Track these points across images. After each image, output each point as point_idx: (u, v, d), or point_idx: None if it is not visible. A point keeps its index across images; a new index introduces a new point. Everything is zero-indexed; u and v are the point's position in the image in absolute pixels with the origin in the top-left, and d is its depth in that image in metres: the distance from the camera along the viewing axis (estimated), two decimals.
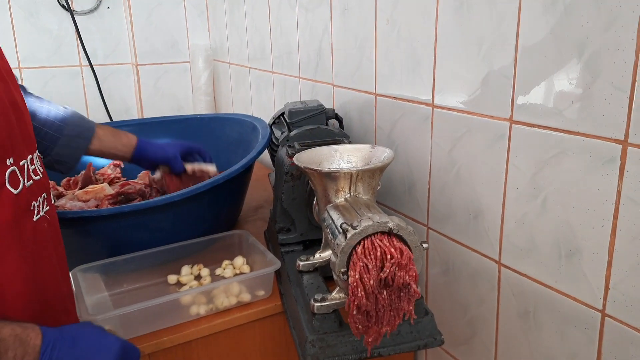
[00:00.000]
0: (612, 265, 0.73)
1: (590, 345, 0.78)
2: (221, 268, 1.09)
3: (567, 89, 0.74)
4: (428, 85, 0.99)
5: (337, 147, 0.92)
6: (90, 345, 0.70)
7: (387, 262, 0.69)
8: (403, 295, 0.71)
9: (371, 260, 0.69)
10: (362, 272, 0.69)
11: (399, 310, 0.72)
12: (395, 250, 0.69)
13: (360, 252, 0.69)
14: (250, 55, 1.81)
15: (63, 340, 0.68)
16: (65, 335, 0.68)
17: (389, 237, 0.70)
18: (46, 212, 0.76)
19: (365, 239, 0.70)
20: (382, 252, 0.69)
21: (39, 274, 0.73)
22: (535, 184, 0.82)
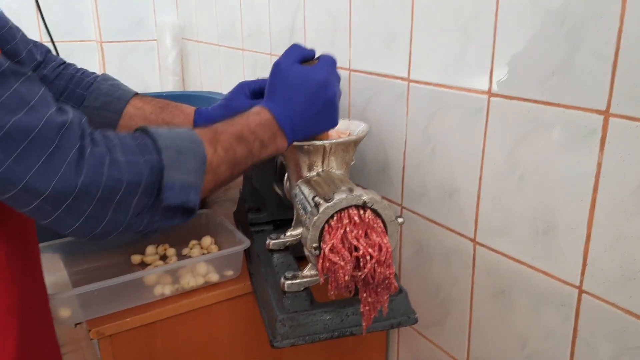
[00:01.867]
0: (590, 241, 0.71)
1: (566, 323, 0.77)
2: (188, 248, 1.05)
3: (548, 58, 0.71)
4: (404, 59, 0.96)
5: None
6: (313, 94, 0.73)
7: (368, 262, 0.66)
8: (381, 290, 0.69)
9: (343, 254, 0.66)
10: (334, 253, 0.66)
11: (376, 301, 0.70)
12: (373, 249, 0.66)
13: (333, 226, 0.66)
14: (219, 33, 1.76)
15: (290, 104, 0.72)
16: (284, 99, 0.72)
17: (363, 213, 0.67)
18: None
19: (338, 212, 0.67)
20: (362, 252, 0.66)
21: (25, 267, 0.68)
22: (512, 160, 0.80)
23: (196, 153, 0.61)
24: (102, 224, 0.55)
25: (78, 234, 0.56)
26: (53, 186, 0.50)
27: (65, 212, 0.52)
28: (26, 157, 0.48)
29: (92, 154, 0.52)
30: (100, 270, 1.00)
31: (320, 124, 0.76)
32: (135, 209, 0.56)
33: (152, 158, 0.57)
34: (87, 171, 0.51)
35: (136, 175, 0.55)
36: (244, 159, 0.67)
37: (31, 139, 0.48)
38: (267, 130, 0.70)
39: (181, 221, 0.62)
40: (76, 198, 0.51)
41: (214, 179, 0.64)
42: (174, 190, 0.57)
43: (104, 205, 0.54)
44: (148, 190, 0.56)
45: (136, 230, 0.59)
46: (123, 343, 0.86)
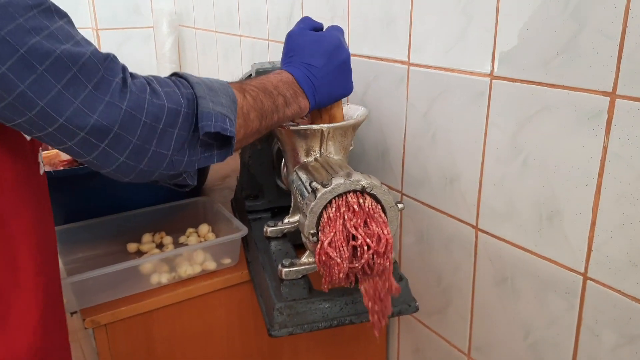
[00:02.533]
0: (595, 226, 0.69)
1: (570, 311, 0.75)
2: (185, 236, 1.04)
3: (552, 38, 0.69)
4: (404, 42, 0.94)
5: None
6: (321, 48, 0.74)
7: (365, 253, 0.64)
8: (384, 297, 0.68)
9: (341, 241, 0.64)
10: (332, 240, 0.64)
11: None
12: (372, 239, 0.64)
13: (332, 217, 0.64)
14: (216, 20, 1.73)
15: (308, 67, 0.73)
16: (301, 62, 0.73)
17: (362, 200, 0.65)
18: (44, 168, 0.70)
19: (336, 198, 0.65)
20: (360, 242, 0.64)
21: (47, 232, 0.67)
22: (515, 144, 0.78)
23: (227, 92, 0.62)
24: (145, 158, 0.56)
25: (121, 171, 0.56)
26: (99, 113, 0.51)
27: (110, 144, 0.53)
28: (75, 85, 0.49)
29: (133, 83, 0.54)
30: (96, 259, 0.99)
31: (339, 87, 0.77)
32: (176, 142, 0.57)
33: (187, 92, 0.58)
34: (131, 97, 0.53)
35: (175, 103, 0.56)
36: (270, 112, 0.68)
37: (80, 66, 0.50)
38: (289, 88, 0.71)
39: (219, 158, 0.62)
40: (122, 126, 0.52)
41: (244, 125, 0.64)
42: (210, 118, 0.57)
43: (147, 135, 0.54)
44: (187, 121, 0.57)
45: (177, 170, 0.59)
46: (119, 332, 0.85)
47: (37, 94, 0.48)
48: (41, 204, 0.64)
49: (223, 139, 0.61)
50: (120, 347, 0.86)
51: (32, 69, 0.47)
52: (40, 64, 0.48)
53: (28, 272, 0.61)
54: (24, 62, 0.47)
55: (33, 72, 0.47)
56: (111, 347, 0.85)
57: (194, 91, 0.59)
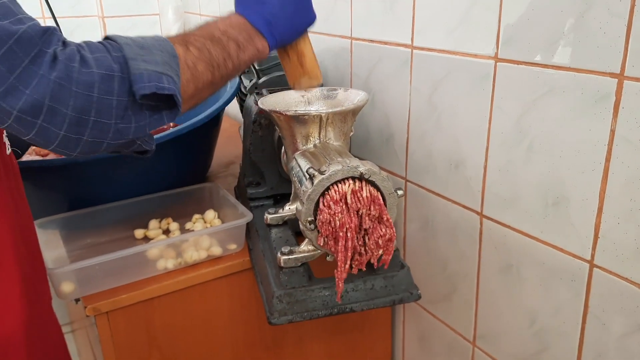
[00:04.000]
0: (602, 212, 0.67)
1: (576, 299, 0.73)
2: (191, 222, 1.03)
3: (558, 19, 0.67)
4: (407, 24, 0.91)
5: (306, 91, 0.84)
6: None
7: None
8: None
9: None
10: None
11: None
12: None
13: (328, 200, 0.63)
14: (221, 5, 1.71)
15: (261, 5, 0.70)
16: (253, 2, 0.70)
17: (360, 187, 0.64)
18: (11, 148, 0.68)
19: (334, 185, 0.64)
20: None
21: (20, 214, 0.67)
22: (520, 128, 0.76)
23: (163, 48, 0.59)
24: (87, 129, 0.53)
25: (65, 146, 0.54)
26: (32, 88, 0.49)
27: (46, 119, 0.51)
28: (10, 59, 0.48)
29: (63, 53, 0.51)
30: (102, 245, 0.98)
31: (299, 17, 0.73)
32: (118, 109, 0.54)
33: (118, 55, 0.55)
34: (59, 66, 0.50)
35: (106, 69, 0.53)
36: (222, 60, 0.65)
37: (16, 40, 0.48)
38: (241, 32, 0.68)
39: (169, 118, 0.59)
40: (52, 98, 0.50)
41: (193, 79, 0.61)
42: (142, 79, 0.54)
43: (83, 105, 0.52)
44: (123, 85, 0.54)
45: (127, 138, 0.57)
46: (120, 320, 0.85)
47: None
48: (10, 182, 0.64)
49: (167, 98, 0.58)
50: (122, 334, 0.85)
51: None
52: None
53: (7, 249, 0.61)
54: None
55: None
56: (113, 335, 0.85)
57: (123, 54, 0.56)
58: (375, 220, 0.65)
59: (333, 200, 0.63)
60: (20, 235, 0.66)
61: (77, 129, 0.52)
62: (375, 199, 0.64)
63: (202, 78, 0.62)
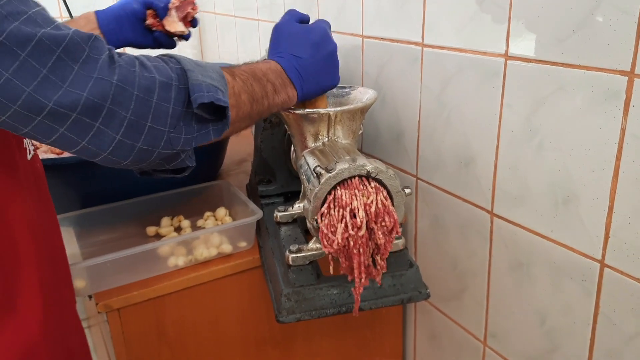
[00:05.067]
0: (613, 211, 0.67)
1: (587, 298, 0.72)
2: (203, 219, 1.04)
3: (568, 16, 0.66)
4: (418, 22, 0.91)
5: None
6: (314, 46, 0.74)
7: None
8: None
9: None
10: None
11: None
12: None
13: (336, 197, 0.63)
14: (235, 3, 1.72)
15: (295, 58, 0.72)
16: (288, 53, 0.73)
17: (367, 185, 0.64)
18: (35, 150, 0.68)
19: (341, 183, 0.64)
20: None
21: (43, 218, 0.66)
22: (530, 126, 0.75)
23: (215, 69, 0.61)
24: (142, 134, 0.53)
25: (119, 152, 0.53)
26: (89, 90, 0.49)
27: (104, 122, 0.51)
28: (61, 67, 0.47)
29: (121, 59, 0.52)
30: (115, 242, 1.00)
31: (326, 78, 0.75)
32: (172, 118, 0.55)
33: (176, 67, 0.57)
34: (120, 70, 0.51)
35: (166, 77, 0.55)
36: (260, 96, 0.66)
37: (64, 47, 0.48)
38: (277, 77, 0.70)
39: (216, 134, 0.60)
40: (114, 100, 0.50)
41: (236, 106, 0.62)
42: (201, 89, 0.56)
43: (141, 109, 0.52)
44: (179, 94, 0.56)
45: (175, 149, 0.57)
46: (131, 316, 0.86)
47: (23, 80, 0.46)
48: (33, 188, 0.64)
49: (217, 113, 0.59)
50: (133, 331, 0.86)
51: (14, 55, 0.45)
52: (22, 50, 0.45)
53: (29, 255, 0.61)
54: (4, 49, 0.45)
55: (15, 58, 0.45)
56: (124, 331, 0.86)
57: (181, 65, 0.57)
58: (388, 233, 0.65)
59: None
60: (43, 241, 0.65)
61: (133, 134, 0.53)
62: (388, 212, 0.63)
63: (243, 108, 0.64)
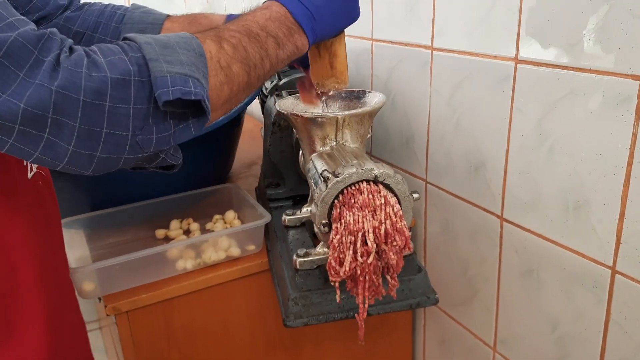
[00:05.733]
0: (624, 217, 0.66)
1: (598, 305, 0.71)
2: (212, 222, 1.04)
3: (579, 20, 0.65)
4: (427, 26, 0.91)
5: (326, 93, 0.84)
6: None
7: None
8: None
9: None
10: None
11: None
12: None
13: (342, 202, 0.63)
14: (246, 7, 1.72)
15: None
16: None
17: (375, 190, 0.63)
18: (38, 167, 0.63)
19: (348, 187, 0.63)
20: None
21: (46, 239, 0.62)
22: (541, 130, 0.74)
23: (189, 46, 0.52)
24: (99, 143, 0.47)
25: (77, 163, 0.47)
26: (27, 99, 0.42)
27: (52, 133, 0.44)
28: (3, 75, 0.42)
29: (68, 59, 0.45)
30: (124, 245, 1.00)
31: (343, 15, 0.66)
32: (135, 119, 0.47)
33: (136, 56, 0.48)
34: (62, 74, 0.44)
35: (121, 73, 0.46)
36: (259, 59, 0.57)
37: (5, 52, 0.42)
38: (281, 26, 0.60)
39: (197, 128, 0.52)
40: (56, 110, 0.43)
41: (227, 81, 0.54)
42: (165, 83, 0.47)
43: (92, 114, 0.45)
44: (141, 91, 0.47)
45: (148, 152, 0.50)
46: (140, 319, 0.86)
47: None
48: (35, 208, 0.60)
49: (194, 105, 0.51)
50: (142, 334, 0.87)
51: None
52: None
53: (29, 280, 0.57)
54: None
55: None
56: (133, 334, 0.86)
57: (143, 54, 0.48)
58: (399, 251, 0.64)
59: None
60: (46, 263, 0.62)
61: (88, 143, 0.46)
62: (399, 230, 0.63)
63: (238, 80, 0.55)
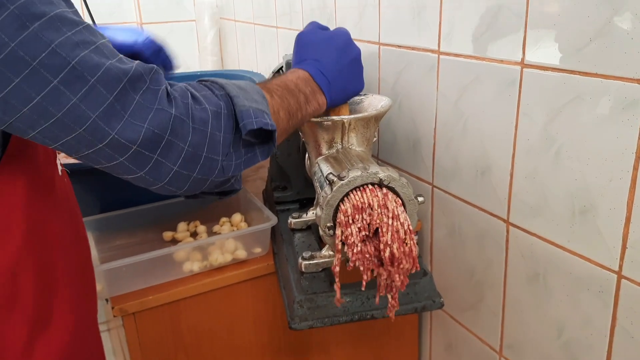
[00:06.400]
0: (630, 222, 0.65)
1: (604, 310, 0.71)
2: (219, 225, 1.05)
3: (585, 24, 0.65)
4: (434, 30, 0.91)
5: None
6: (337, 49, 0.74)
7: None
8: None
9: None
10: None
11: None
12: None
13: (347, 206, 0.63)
14: (254, 11, 1.74)
15: (320, 64, 0.72)
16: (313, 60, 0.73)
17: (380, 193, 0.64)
18: (62, 165, 0.69)
19: (353, 191, 0.64)
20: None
21: (74, 233, 0.67)
22: (547, 135, 0.74)
23: (256, 90, 0.62)
24: (198, 165, 0.54)
25: (175, 183, 0.54)
26: (150, 121, 0.49)
27: (162, 154, 0.51)
28: (125, 97, 0.48)
29: (174, 91, 0.53)
30: (132, 247, 1.01)
31: (352, 83, 0.76)
32: (224, 146, 0.56)
33: (221, 94, 0.57)
34: (177, 102, 0.52)
35: (215, 106, 0.55)
36: (295, 110, 0.67)
37: (129, 78, 0.48)
38: (307, 85, 0.70)
39: (262, 156, 0.61)
40: (172, 132, 0.51)
41: (277, 124, 0.62)
42: (249, 115, 0.56)
43: (198, 140, 0.53)
44: (229, 122, 0.56)
45: (227, 175, 0.58)
46: (147, 321, 0.87)
47: (90, 106, 0.47)
48: (67, 205, 0.64)
49: (263, 136, 0.60)
50: (149, 335, 0.87)
51: (83, 80, 0.46)
52: (91, 76, 0.46)
53: (64, 275, 0.61)
54: (75, 74, 0.46)
55: (85, 83, 0.46)
56: (140, 335, 0.87)
57: (226, 92, 0.58)
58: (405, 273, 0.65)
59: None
60: (75, 255, 0.66)
61: (189, 165, 0.53)
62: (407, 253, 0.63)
63: (282, 125, 0.64)
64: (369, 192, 0.63)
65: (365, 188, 0.64)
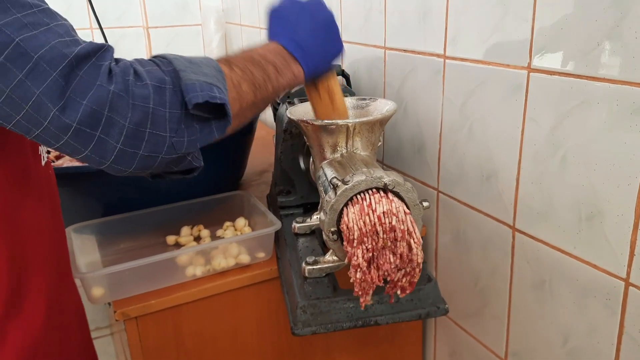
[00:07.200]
0: (638, 229, 0.65)
1: (611, 318, 0.70)
2: (222, 229, 1.04)
3: (592, 28, 0.65)
4: (440, 34, 0.90)
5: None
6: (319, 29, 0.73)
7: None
8: None
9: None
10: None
11: None
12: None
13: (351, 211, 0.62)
14: (260, 15, 1.74)
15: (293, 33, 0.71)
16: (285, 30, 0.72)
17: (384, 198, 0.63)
18: (48, 157, 0.70)
19: (357, 195, 0.63)
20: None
21: (52, 225, 0.68)
22: (554, 140, 0.73)
23: (210, 64, 0.60)
24: (143, 142, 0.54)
25: (121, 161, 0.54)
26: (89, 97, 0.50)
27: (104, 131, 0.51)
28: (69, 74, 0.49)
29: (116, 67, 0.53)
30: (135, 251, 1.00)
31: (329, 47, 0.74)
32: (171, 122, 0.55)
33: (168, 69, 0.56)
34: (116, 78, 0.52)
35: (158, 81, 0.54)
36: (262, 82, 0.65)
37: (74, 56, 0.49)
38: (278, 57, 0.69)
39: (219, 132, 0.59)
40: (111, 108, 0.51)
41: (238, 98, 0.61)
42: (194, 88, 0.55)
43: (139, 117, 0.53)
44: (174, 97, 0.55)
45: (180, 152, 0.57)
46: (149, 325, 0.86)
47: (34, 83, 0.48)
48: (45, 195, 0.66)
49: (217, 110, 0.58)
50: (151, 340, 0.87)
51: (27, 57, 0.47)
52: (34, 52, 0.48)
53: (38, 259, 0.63)
54: (19, 51, 0.47)
55: (29, 60, 0.47)
56: (142, 340, 0.86)
57: (174, 67, 0.56)
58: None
59: None
60: (51, 246, 0.68)
61: (133, 142, 0.53)
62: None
63: (246, 97, 0.63)
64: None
65: (369, 193, 0.63)
